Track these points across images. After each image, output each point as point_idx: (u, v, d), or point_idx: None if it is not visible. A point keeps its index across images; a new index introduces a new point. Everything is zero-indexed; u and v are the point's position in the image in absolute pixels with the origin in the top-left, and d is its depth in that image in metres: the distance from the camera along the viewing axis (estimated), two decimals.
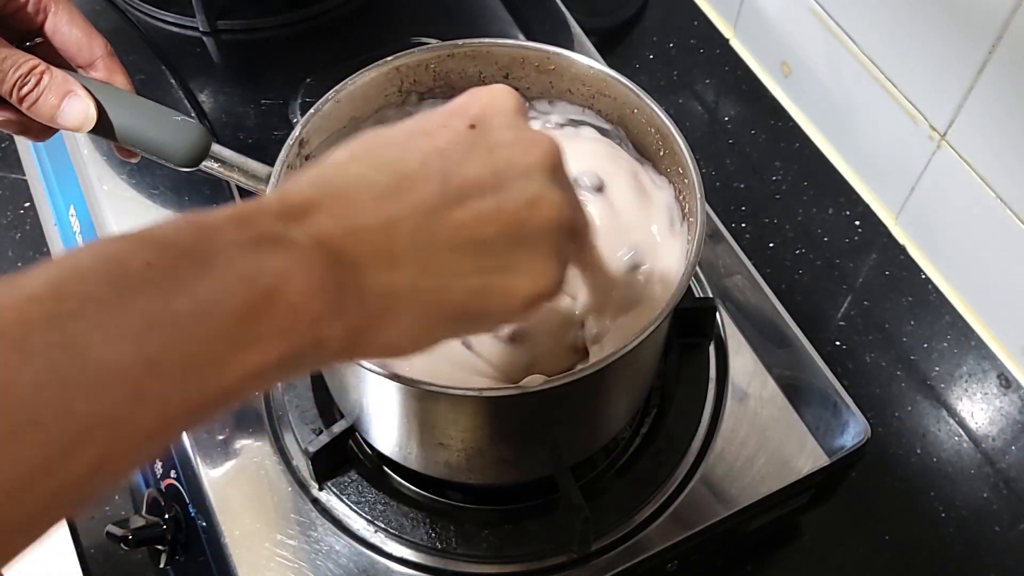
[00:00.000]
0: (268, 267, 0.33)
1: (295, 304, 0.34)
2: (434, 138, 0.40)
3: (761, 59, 0.99)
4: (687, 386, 0.68)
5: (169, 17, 0.85)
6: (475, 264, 0.38)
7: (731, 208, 0.90)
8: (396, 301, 0.37)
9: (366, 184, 0.38)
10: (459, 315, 0.39)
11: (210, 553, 0.62)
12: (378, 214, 0.37)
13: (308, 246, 0.35)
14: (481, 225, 0.38)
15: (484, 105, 0.41)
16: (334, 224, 0.36)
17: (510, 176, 0.39)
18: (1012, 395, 0.81)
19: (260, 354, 0.33)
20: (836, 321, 0.84)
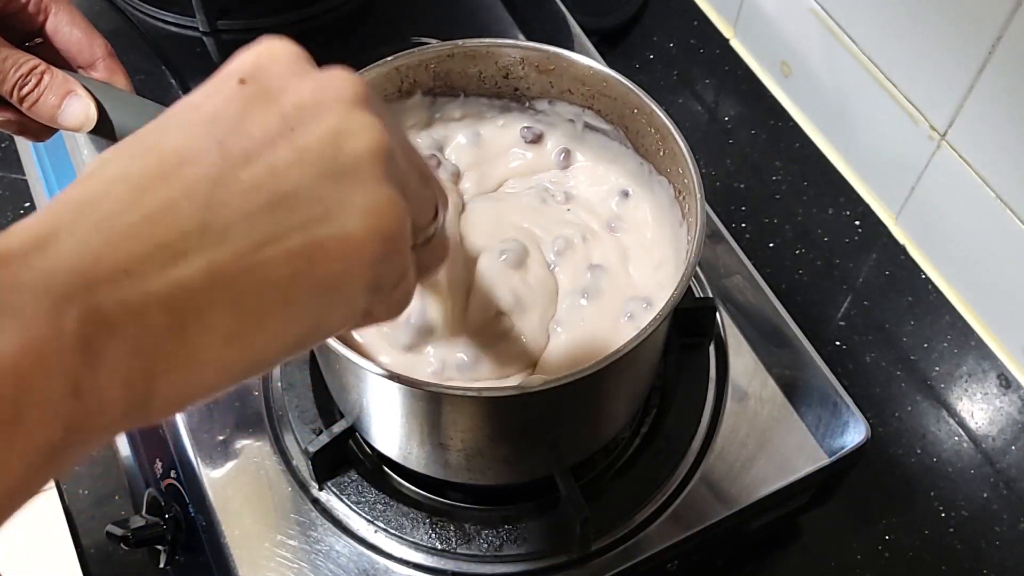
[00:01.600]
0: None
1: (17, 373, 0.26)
2: (200, 110, 0.32)
3: (761, 59, 0.99)
4: (687, 386, 0.68)
5: (169, 17, 0.85)
6: (288, 221, 0.30)
7: (731, 208, 0.90)
8: (192, 303, 0.29)
9: (121, 180, 0.30)
10: (293, 294, 0.31)
11: (210, 553, 0.63)
12: (140, 206, 0.29)
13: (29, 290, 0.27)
14: (279, 176, 0.31)
15: (254, 59, 0.34)
16: (80, 243, 0.28)
17: (303, 116, 0.32)
18: (1012, 395, 0.81)
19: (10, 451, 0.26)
20: (836, 321, 0.84)
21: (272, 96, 0.32)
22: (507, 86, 0.64)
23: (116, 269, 0.28)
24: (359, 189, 0.32)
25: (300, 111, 0.32)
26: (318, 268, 0.31)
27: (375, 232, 0.32)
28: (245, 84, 0.32)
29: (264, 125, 0.32)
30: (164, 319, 0.28)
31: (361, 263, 0.32)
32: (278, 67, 0.33)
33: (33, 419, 0.26)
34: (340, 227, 0.31)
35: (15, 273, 0.27)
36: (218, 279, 0.29)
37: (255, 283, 0.30)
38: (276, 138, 0.31)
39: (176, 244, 0.29)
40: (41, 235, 0.28)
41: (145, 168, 0.30)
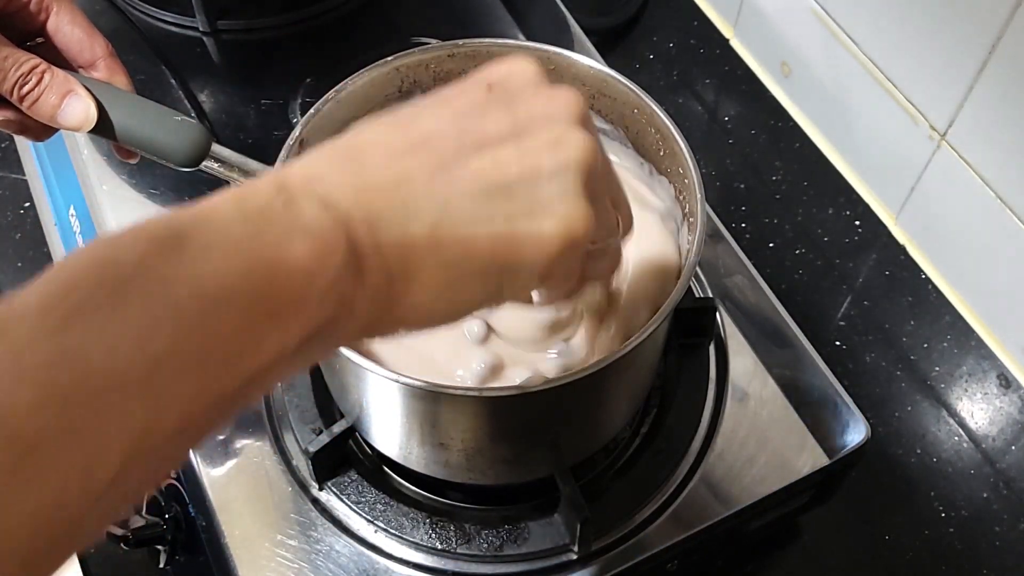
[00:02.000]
0: (271, 238, 0.32)
1: (305, 271, 0.32)
2: (450, 102, 0.39)
3: (761, 59, 0.99)
4: (687, 386, 0.68)
5: (169, 17, 0.85)
6: (498, 209, 0.36)
7: (731, 208, 0.90)
8: (418, 254, 0.35)
9: (378, 143, 0.37)
10: (488, 267, 0.37)
11: (210, 553, 0.63)
12: (390, 168, 0.36)
13: (312, 209, 0.33)
14: (501, 169, 0.37)
15: (503, 71, 0.40)
16: (342, 183, 0.35)
17: (531, 124, 0.38)
18: (1012, 395, 0.81)
19: (279, 332, 0.32)
20: (836, 321, 0.84)
21: (511, 103, 0.38)
22: None
23: (368, 215, 0.34)
24: (561, 196, 0.37)
25: (530, 119, 0.38)
26: (511, 252, 0.37)
27: (563, 236, 0.37)
28: (491, 90, 0.39)
29: (498, 125, 0.37)
30: (396, 262, 0.35)
31: (545, 257, 0.37)
32: (521, 80, 0.39)
33: (311, 307, 0.32)
34: (538, 224, 0.37)
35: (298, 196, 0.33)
36: (435, 241, 0.35)
37: (461, 252, 0.36)
38: (506, 138, 0.37)
39: (411, 205, 0.35)
40: (315, 175, 0.35)
41: (398, 140, 0.37)
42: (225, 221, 0.32)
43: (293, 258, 0.32)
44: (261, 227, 0.32)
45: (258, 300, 0.31)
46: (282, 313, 0.32)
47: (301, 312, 0.32)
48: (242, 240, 0.32)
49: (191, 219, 0.32)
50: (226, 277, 0.31)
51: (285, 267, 0.32)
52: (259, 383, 0.32)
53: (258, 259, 0.31)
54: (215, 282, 0.30)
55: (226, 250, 0.31)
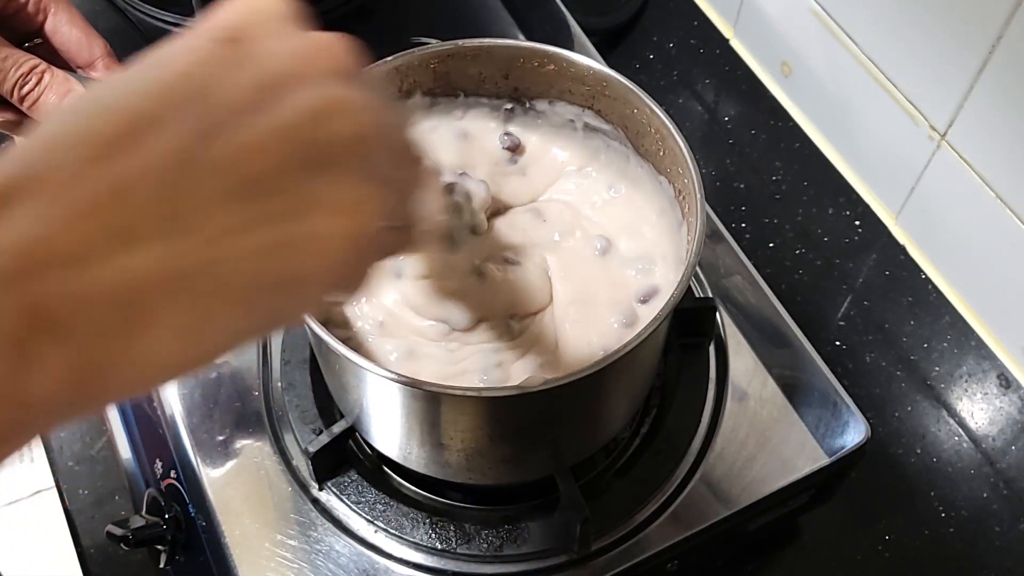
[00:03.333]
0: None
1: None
2: (170, 68, 0.29)
3: (761, 59, 0.99)
4: (687, 386, 0.68)
5: (169, 17, 0.85)
6: (255, 211, 0.27)
7: (731, 208, 0.90)
8: (144, 296, 0.26)
9: (81, 141, 0.27)
10: (253, 291, 0.28)
11: (210, 553, 0.63)
12: (98, 179, 0.26)
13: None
14: (251, 159, 0.27)
15: (235, 13, 0.30)
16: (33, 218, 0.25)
17: (283, 90, 0.29)
18: (1012, 395, 0.81)
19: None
20: (836, 321, 0.84)
21: (252, 60, 0.29)
22: (507, 86, 0.64)
23: (67, 254, 0.25)
24: (333, 183, 0.29)
25: (279, 80, 0.29)
26: (282, 266, 0.28)
27: (346, 233, 0.29)
28: (222, 43, 0.29)
29: (239, 92, 0.28)
30: (111, 315, 0.25)
31: (328, 263, 0.29)
32: (264, 27, 0.30)
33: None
34: (310, 225, 0.28)
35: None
36: (174, 272, 0.26)
37: (214, 279, 0.27)
38: (251, 111, 0.28)
39: (133, 228, 0.26)
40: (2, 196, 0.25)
41: (106, 133, 0.27)
42: None
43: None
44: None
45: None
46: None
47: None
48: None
49: None
50: None
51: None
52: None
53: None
54: None
55: None
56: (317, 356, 0.64)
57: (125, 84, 0.28)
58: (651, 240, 0.62)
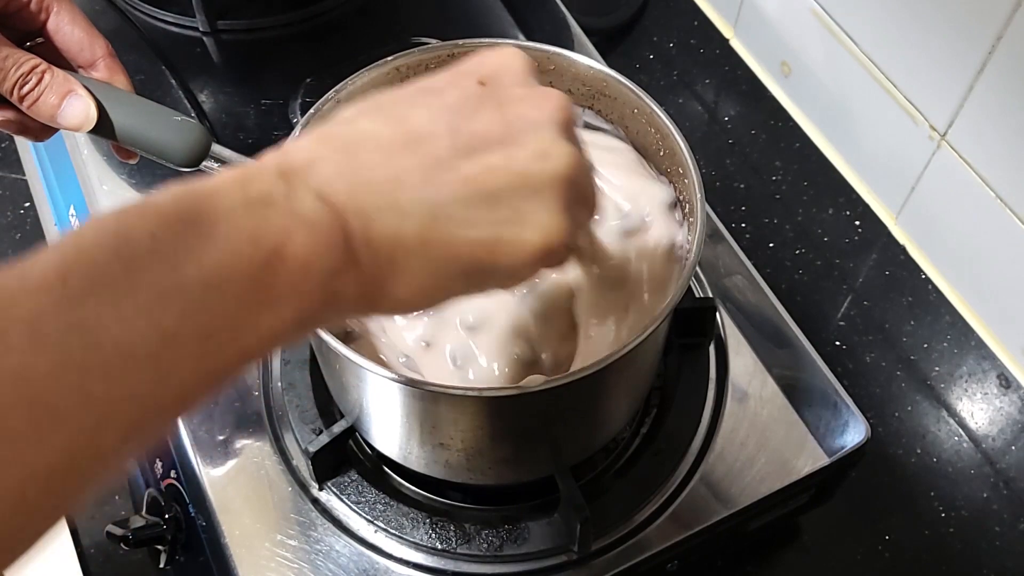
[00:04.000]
0: (273, 226, 0.33)
1: (304, 260, 0.34)
2: (443, 95, 0.40)
3: (761, 59, 0.99)
4: (687, 386, 0.68)
5: (169, 17, 0.85)
6: (484, 216, 0.38)
7: (731, 208, 0.90)
8: (405, 252, 0.37)
9: (372, 138, 0.38)
10: (468, 269, 0.39)
11: (210, 553, 0.62)
12: (384, 166, 0.37)
13: (311, 201, 0.35)
14: (490, 177, 0.38)
15: (494, 64, 0.41)
16: (339, 177, 0.36)
17: (520, 129, 0.39)
18: (1012, 395, 0.81)
19: (275, 314, 0.33)
20: (836, 321, 0.84)
21: (499, 102, 0.40)
22: None
23: (361, 210, 0.36)
24: (544, 208, 0.39)
25: (520, 122, 0.39)
26: (491, 257, 0.38)
27: (543, 247, 0.39)
28: (483, 85, 0.40)
29: (488, 125, 0.39)
30: (385, 257, 0.36)
31: (523, 264, 0.39)
32: (510, 76, 0.41)
33: (305, 295, 0.34)
34: (519, 234, 0.39)
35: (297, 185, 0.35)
36: (424, 241, 0.37)
37: (447, 253, 0.38)
38: (495, 142, 0.38)
39: (404, 205, 0.37)
40: (313, 163, 0.36)
41: (394, 136, 0.38)
42: (229, 205, 0.33)
43: (292, 250, 0.33)
44: (263, 215, 0.34)
45: (258, 286, 0.33)
46: (279, 299, 0.33)
47: (296, 299, 0.34)
48: (244, 227, 0.33)
49: (197, 199, 0.33)
50: (229, 261, 0.32)
51: (284, 257, 0.33)
52: (251, 359, 0.34)
53: (259, 248, 0.33)
54: (219, 265, 0.32)
55: (229, 235, 0.33)
56: (317, 356, 0.64)
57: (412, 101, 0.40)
58: None
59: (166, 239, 0.32)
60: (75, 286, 0.30)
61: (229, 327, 0.32)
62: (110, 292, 0.30)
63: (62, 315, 0.29)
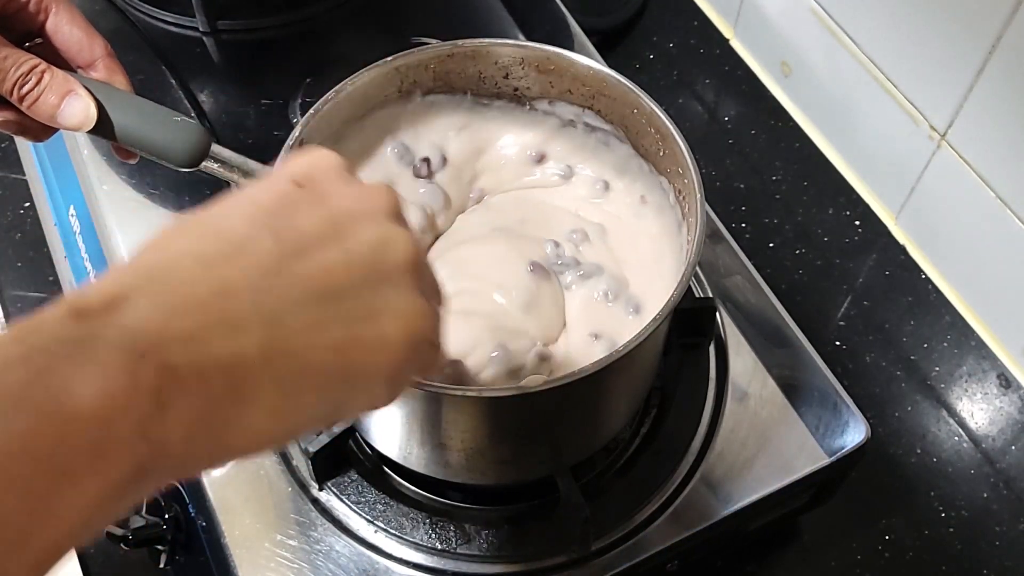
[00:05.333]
0: (55, 385, 0.28)
1: (99, 417, 0.28)
2: (256, 201, 0.36)
3: (761, 59, 0.99)
4: (687, 386, 0.68)
5: (169, 17, 0.85)
6: (333, 314, 0.34)
7: (731, 208, 0.90)
8: (248, 373, 0.32)
9: (187, 255, 0.33)
10: (330, 379, 0.34)
11: (210, 553, 0.62)
12: (206, 281, 0.32)
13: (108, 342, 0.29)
14: (330, 275, 0.35)
15: (306, 164, 0.38)
16: (151, 306, 0.31)
17: (349, 223, 0.36)
18: (1012, 395, 0.81)
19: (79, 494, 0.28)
20: (836, 321, 0.84)
21: (321, 199, 0.37)
22: (507, 86, 0.64)
23: (185, 334, 0.31)
24: (396, 295, 0.36)
25: (346, 216, 0.36)
26: (353, 361, 0.35)
27: (408, 335, 0.36)
28: (299, 186, 0.37)
29: (315, 223, 0.36)
30: (223, 384, 0.31)
31: (391, 360, 0.36)
32: (327, 174, 0.38)
33: (112, 456, 0.29)
34: (378, 327, 0.35)
35: (95, 327, 0.30)
36: (268, 355, 0.32)
37: (298, 365, 0.33)
38: (326, 239, 0.35)
39: (236, 319, 0.32)
40: (117, 295, 0.31)
41: (211, 249, 0.34)
42: (5, 364, 0.28)
43: (82, 405, 0.28)
44: (44, 369, 0.28)
45: (44, 461, 0.27)
46: (78, 472, 0.28)
47: (101, 466, 0.28)
48: (21, 388, 0.28)
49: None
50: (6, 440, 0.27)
51: (73, 417, 0.28)
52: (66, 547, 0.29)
53: (40, 412, 0.28)
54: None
55: (3, 407, 0.27)
56: None
57: (224, 213, 0.36)
58: (651, 241, 0.62)
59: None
60: None
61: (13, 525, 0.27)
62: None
63: None
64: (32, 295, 0.85)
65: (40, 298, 0.85)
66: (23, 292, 0.85)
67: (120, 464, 0.29)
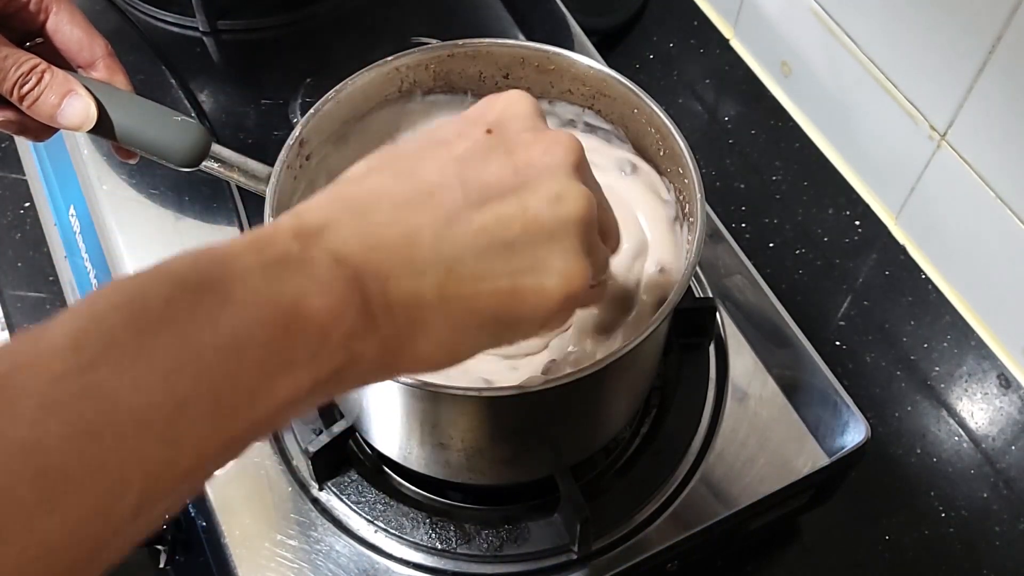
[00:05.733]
0: (289, 289, 0.33)
1: (320, 324, 0.33)
2: (451, 147, 0.39)
3: (761, 59, 0.99)
4: (687, 386, 0.68)
5: (169, 17, 0.85)
6: (502, 266, 0.38)
7: (731, 208, 0.90)
8: (425, 310, 0.36)
9: (384, 195, 0.37)
10: (491, 321, 0.38)
11: (210, 553, 0.63)
12: (398, 224, 0.37)
13: (327, 263, 0.34)
14: (504, 226, 0.38)
15: (500, 110, 0.41)
16: (353, 238, 0.35)
17: (531, 175, 0.39)
18: (1012, 395, 0.81)
19: (292, 380, 0.33)
20: (836, 321, 0.84)
21: (508, 149, 0.39)
22: (507, 86, 0.64)
23: (377, 270, 0.35)
24: (560, 253, 0.38)
25: (530, 168, 0.39)
26: (513, 308, 0.38)
27: (563, 292, 0.38)
28: (490, 134, 0.40)
29: (499, 174, 0.38)
30: (403, 316, 0.36)
31: (545, 312, 0.39)
32: (518, 122, 0.40)
33: (323, 356, 0.33)
34: (539, 281, 0.38)
35: (312, 249, 0.34)
36: (443, 296, 0.36)
37: (465, 307, 0.37)
38: (507, 190, 0.38)
39: (419, 263, 0.36)
40: (327, 222, 0.36)
41: (405, 192, 0.37)
42: (245, 268, 0.33)
43: (309, 313, 0.33)
44: (280, 278, 0.33)
45: (275, 350, 0.32)
46: (296, 363, 0.33)
47: (314, 363, 0.33)
48: (261, 290, 0.33)
49: (213, 263, 0.33)
50: (245, 326, 0.32)
51: (301, 321, 0.33)
52: (269, 425, 0.33)
53: (276, 311, 0.32)
54: (234, 330, 0.31)
55: (246, 300, 0.32)
56: None
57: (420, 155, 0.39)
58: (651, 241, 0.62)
59: (181, 304, 0.31)
60: (88, 352, 0.29)
61: (244, 394, 0.31)
62: (124, 358, 0.29)
63: (74, 381, 0.28)
64: (32, 295, 0.85)
65: (40, 298, 0.85)
66: (23, 292, 0.85)
67: (328, 364, 0.34)
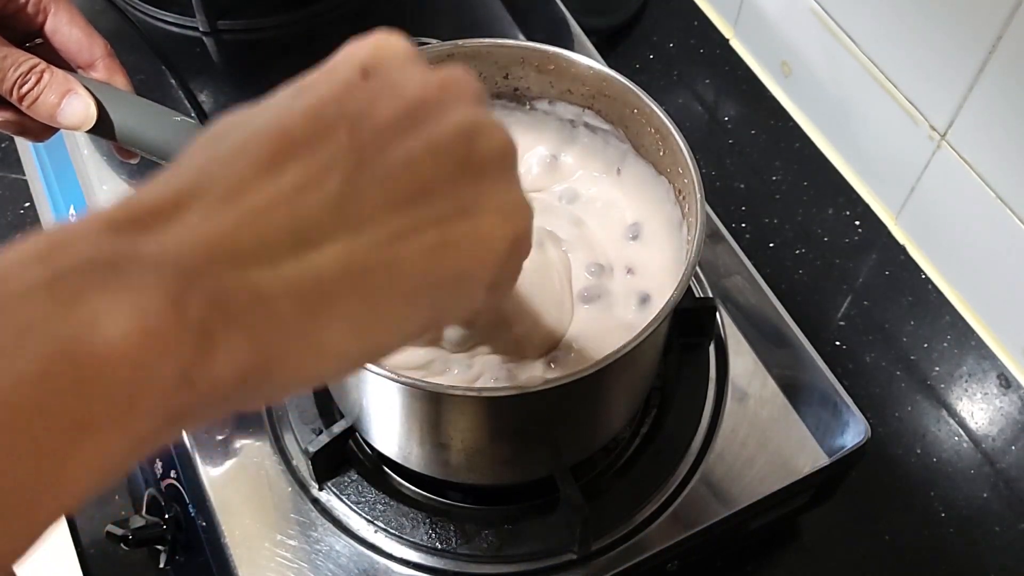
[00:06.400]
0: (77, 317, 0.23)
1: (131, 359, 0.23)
2: (321, 94, 0.30)
3: (761, 59, 0.99)
4: (687, 386, 0.68)
5: (169, 17, 0.85)
6: (424, 214, 0.29)
7: (731, 208, 0.90)
8: (323, 293, 0.28)
9: (246, 155, 0.28)
10: (422, 287, 0.30)
11: (210, 553, 0.62)
12: (271, 187, 0.27)
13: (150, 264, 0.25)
14: (415, 167, 0.30)
15: (371, 48, 0.33)
16: (202, 218, 0.26)
17: (430, 111, 0.31)
18: (1012, 395, 0.81)
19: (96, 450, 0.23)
20: (836, 321, 0.84)
21: (393, 88, 0.31)
22: (507, 86, 0.64)
23: (246, 252, 0.26)
24: (493, 189, 0.31)
25: (426, 105, 0.31)
26: (449, 264, 0.30)
27: (508, 232, 0.32)
28: (360, 75, 0.31)
29: (391, 112, 0.30)
30: (292, 308, 0.27)
31: (491, 261, 0.31)
32: (397, 61, 0.32)
33: (143, 406, 0.24)
34: (474, 226, 0.31)
35: (135, 245, 0.25)
36: (352, 269, 0.28)
37: (388, 275, 0.29)
38: (405, 128, 0.30)
39: (311, 230, 0.28)
40: (160, 204, 0.26)
41: (274, 148, 0.28)
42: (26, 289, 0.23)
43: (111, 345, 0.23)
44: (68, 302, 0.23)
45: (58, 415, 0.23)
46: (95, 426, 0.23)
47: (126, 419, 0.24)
48: (39, 323, 0.23)
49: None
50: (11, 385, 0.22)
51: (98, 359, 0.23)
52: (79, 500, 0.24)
53: (58, 353, 0.23)
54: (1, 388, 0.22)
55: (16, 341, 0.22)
56: None
57: (273, 108, 0.30)
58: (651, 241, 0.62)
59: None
60: None
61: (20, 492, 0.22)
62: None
63: None
64: None
65: None
66: None
67: (152, 414, 0.24)
